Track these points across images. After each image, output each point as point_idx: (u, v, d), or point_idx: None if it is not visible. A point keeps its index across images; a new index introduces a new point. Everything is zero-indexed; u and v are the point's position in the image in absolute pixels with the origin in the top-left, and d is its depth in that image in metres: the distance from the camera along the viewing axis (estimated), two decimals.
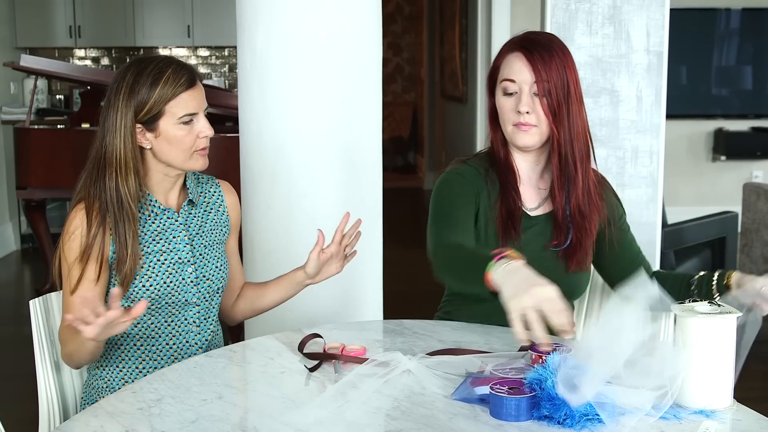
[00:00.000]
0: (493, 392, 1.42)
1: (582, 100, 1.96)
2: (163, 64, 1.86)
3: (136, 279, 1.86)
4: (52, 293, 1.96)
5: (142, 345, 1.91)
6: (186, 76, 1.86)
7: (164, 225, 1.92)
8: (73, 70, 6.03)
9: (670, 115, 4.06)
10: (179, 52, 7.91)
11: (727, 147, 6.93)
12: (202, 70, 7.96)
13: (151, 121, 1.85)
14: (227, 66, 7.98)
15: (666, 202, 4.41)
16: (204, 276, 1.96)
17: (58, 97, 7.65)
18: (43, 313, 1.92)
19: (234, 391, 1.59)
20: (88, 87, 5.71)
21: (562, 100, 1.91)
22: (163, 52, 7.88)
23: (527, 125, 1.92)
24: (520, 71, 1.92)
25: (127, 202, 1.84)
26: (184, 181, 1.98)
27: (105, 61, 7.92)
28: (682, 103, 6.70)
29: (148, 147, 1.87)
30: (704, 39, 6.92)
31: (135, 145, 1.85)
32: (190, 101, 1.86)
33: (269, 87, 2.74)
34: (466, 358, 1.67)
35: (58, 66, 5.76)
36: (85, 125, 5.45)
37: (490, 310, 1.95)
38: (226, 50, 7.97)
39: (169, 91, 1.83)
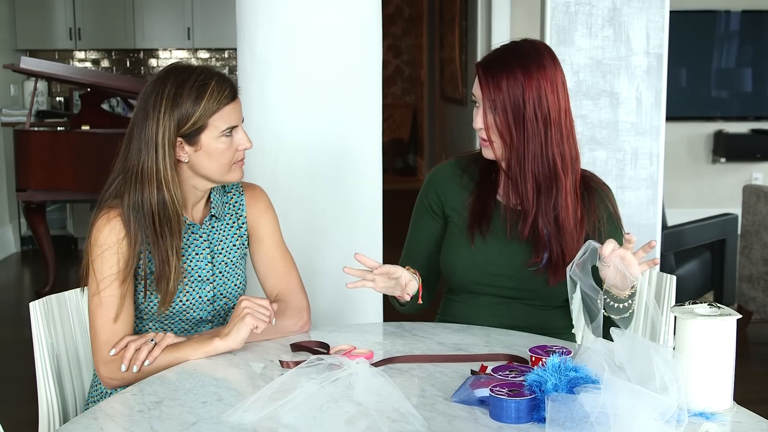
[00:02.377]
0: (493, 394, 1.42)
1: (551, 122, 1.89)
2: (205, 75, 1.82)
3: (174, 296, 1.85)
4: (53, 295, 1.96)
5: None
6: (229, 89, 1.83)
7: (187, 241, 1.89)
8: (73, 72, 6.05)
9: (670, 117, 4.07)
10: (179, 54, 7.92)
11: (727, 149, 6.93)
12: None
13: (192, 135, 1.81)
14: (227, 68, 7.98)
15: (666, 204, 4.42)
16: (221, 294, 1.93)
17: (58, 99, 7.66)
18: (43, 316, 1.91)
19: (234, 393, 1.59)
20: (88, 89, 5.71)
21: (516, 119, 1.88)
22: (163, 54, 7.89)
23: (484, 140, 1.94)
24: (476, 88, 1.93)
25: (175, 216, 1.81)
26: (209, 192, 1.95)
27: (105, 63, 7.93)
28: (681, 105, 6.70)
29: (185, 161, 1.84)
30: (704, 41, 6.92)
31: (175, 158, 1.82)
32: (232, 114, 1.84)
33: (269, 89, 2.74)
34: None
35: (58, 68, 5.77)
36: (86, 127, 5.46)
37: (488, 307, 1.96)
38: (226, 52, 7.98)
39: (213, 105, 1.80)
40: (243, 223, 2.00)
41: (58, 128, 6.11)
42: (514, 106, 1.87)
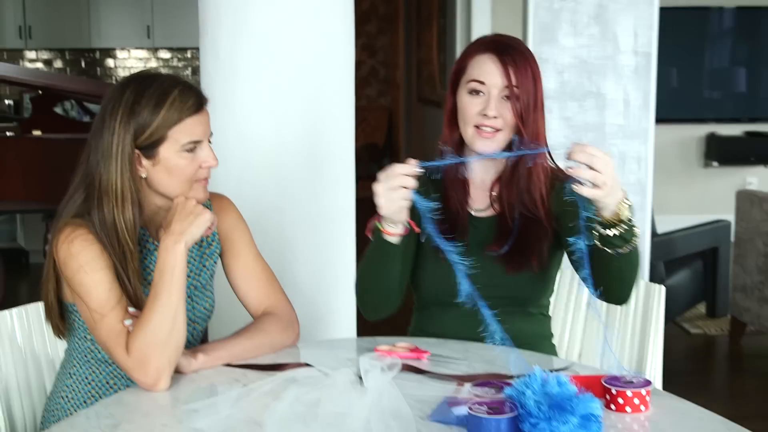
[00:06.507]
0: (471, 413, 1.43)
1: (543, 110, 2.01)
2: (169, 83, 1.79)
3: None
4: (4, 311, 1.95)
5: (113, 363, 1.88)
6: (194, 99, 1.80)
7: (152, 265, 1.86)
8: (23, 74, 6.02)
9: (660, 120, 4.11)
10: (138, 54, 7.89)
11: (720, 153, 6.99)
12: None
13: (150, 147, 1.78)
14: (190, 68, 7.96)
15: (655, 210, 4.45)
16: (190, 320, 1.90)
17: (7, 102, 7.61)
18: None
19: (198, 415, 1.58)
20: (40, 92, 5.68)
21: (531, 107, 1.95)
22: (121, 54, 7.85)
23: (492, 130, 1.95)
24: (491, 74, 1.94)
25: (124, 238, 1.77)
26: None
27: (58, 64, 7.89)
28: (672, 107, 6.76)
29: (143, 176, 1.81)
30: (696, 39, 6.98)
31: (134, 173, 1.78)
32: (196, 127, 1.80)
33: (234, 91, 2.73)
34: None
35: (6, 69, 5.74)
36: (37, 132, 5.43)
37: (460, 319, 1.97)
38: (189, 52, 7.97)
39: (174, 115, 1.76)
40: (213, 240, 1.99)
41: (7, 133, 6.07)
42: (531, 93, 1.95)
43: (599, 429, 1.44)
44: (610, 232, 1.74)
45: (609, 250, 1.76)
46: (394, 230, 1.87)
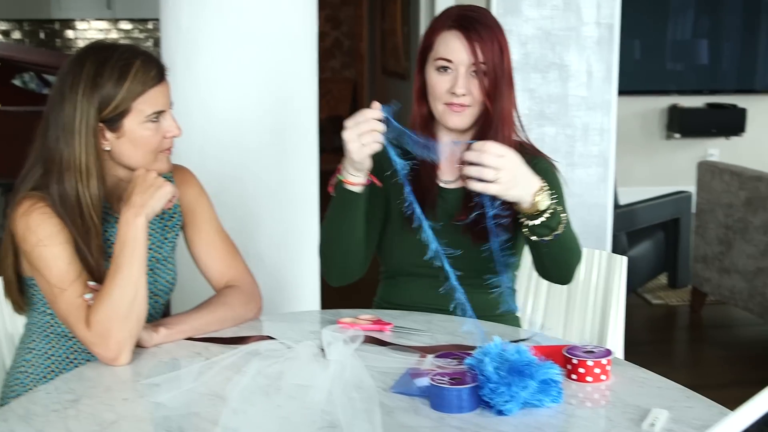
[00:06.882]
0: (433, 383, 1.44)
1: (512, 80, 1.99)
2: (129, 54, 1.76)
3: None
4: None
5: (73, 337, 1.86)
6: (156, 69, 1.78)
7: (113, 237, 1.83)
8: None
9: (622, 91, 4.13)
10: (99, 26, 7.79)
11: (682, 124, 7.04)
12: None
13: (114, 120, 1.76)
14: (152, 40, 7.87)
15: (618, 182, 4.48)
16: (152, 292, 1.89)
17: None
18: None
19: (159, 389, 1.57)
20: None
21: (499, 80, 1.95)
22: (81, 25, 7.74)
23: (462, 106, 1.95)
24: (457, 51, 1.94)
25: (89, 213, 1.75)
26: None
27: (16, 35, 7.76)
28: (634, 79, 6.79)
29: (107, 149, 1.78)
30: (658, 11, 7.01)
31: (98, 147, 1.76)
32: (159, 97, 1.79)
33: (196, 62, 2.71)
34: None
35: None
36: None
37: (428, 291, 1.98)
38: (150, 23, 7.87)
39: (138, 87, 1.75)
40: (174, 213, 1.97)
41: None
42: (498, 68, 1.93)
43: (559, 393, 1.46)
44: (531, 223, 1.77)
45: (536, 239, 1.80)
46: (356, 179, 1.88)
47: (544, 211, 1.77)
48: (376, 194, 2.03)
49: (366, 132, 1.75)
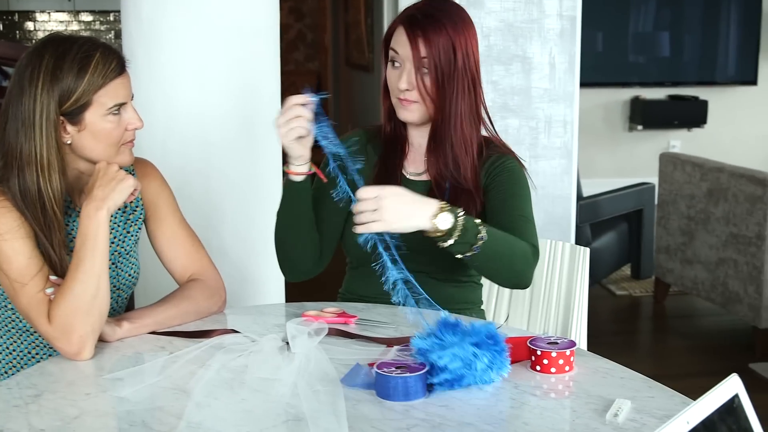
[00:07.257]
0: (379, 372, 1.44)
1: (476, 78, 1.96)
2: (89, 46, 1.75)
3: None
4: None
5: (35, 332, 1.85)
6: (116, 61, 1.77)
7: (74, 232, 1.82)
8: None
9: (585, 83, 4.16)
10: (59, 17, 7.70)
11: (644, 116, 7.10)
12: None
13: (75, 113, 1.74)
14: (113, 32, 7.80)
15: (581, 173, 4.51)
16: (114, 286, 1.88)
17: None
18: None
19: (123, 384, 1.56)
20: None
21: (447, 78, 1.92)
22: (41, 17, 7.65)
23: (408, 101, 1.95)
24: (402, 46, 1.93)
25: (51, 207, 1.74)
26: None
27: None
28: (597, 71, 6.84)
29: (68, 142, 1.77)
30: (620, 4, 7.05)
31: (59, 140, 1.74)
32: (120, 90, 1.78)
33: (157, 54, 2.69)
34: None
35: None
36: None
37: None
38: (112, 15, 7.79)
39: (99, 79, 1.73)
40: (137, 206, 1.96)
41: None
42: (445, 64, 1.91)
43: (503, 362, 1.49)
44: (445, 244, 1.75)
45: (461, 256, 1.79)
46: (297, 169, 1.90)
47: (452, 230, 1.73)
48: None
49: (291, 118, 1.79)
